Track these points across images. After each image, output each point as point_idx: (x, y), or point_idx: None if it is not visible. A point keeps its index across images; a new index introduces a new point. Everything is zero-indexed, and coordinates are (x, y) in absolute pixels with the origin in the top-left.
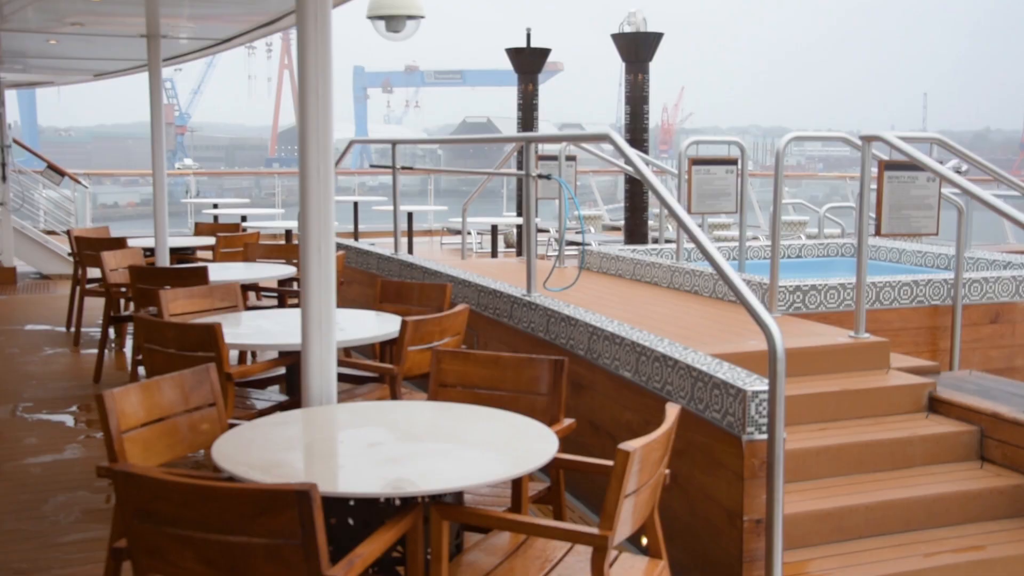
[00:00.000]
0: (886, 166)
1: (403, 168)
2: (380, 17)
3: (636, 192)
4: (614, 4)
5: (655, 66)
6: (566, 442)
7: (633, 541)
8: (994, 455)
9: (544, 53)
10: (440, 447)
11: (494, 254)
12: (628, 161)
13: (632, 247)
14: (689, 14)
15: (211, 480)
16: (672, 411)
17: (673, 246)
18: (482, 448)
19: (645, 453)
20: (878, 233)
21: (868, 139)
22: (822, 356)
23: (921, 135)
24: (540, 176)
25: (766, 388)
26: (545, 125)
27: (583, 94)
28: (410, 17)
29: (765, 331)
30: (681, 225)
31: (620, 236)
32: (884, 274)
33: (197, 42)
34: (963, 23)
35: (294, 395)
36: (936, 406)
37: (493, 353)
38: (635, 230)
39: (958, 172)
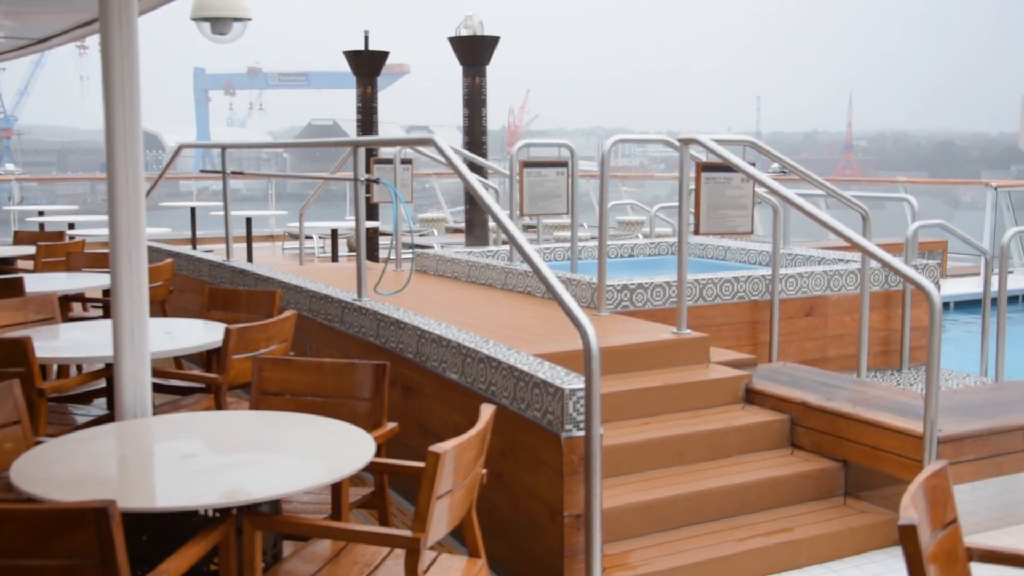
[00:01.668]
0: (703, 168)
1: (233, 173)
2: (205, 19)
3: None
4: (464, 7)
5: (502, 68)
6: (395, 445)
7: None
8: (803, 441)
9: (383, 56)
10: (256, 456)
11: (335, 258)
12: (450, 164)
13: (469, 249)
14: (538, 15)
15: (3, 503)
16: (486, 411)
17: (508, 248)
18: (299, 456)
19: (458, 454)
20: (697, 232)
21: (685, 142)
22: (646, 352)
23: (734, 138)
24: (369, 180)
25: (583, 386)
26: (392, 127)
27: (431, 96)
28: (236, 19)
29: (580, 330)
30: (501, 227)
31: (463, 238)
32: (711, 271)
33: (12, 41)
34: (795, 28)
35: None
36: (752, 397)
37: (315, 360)
38: (476, 232)
39: (783, 173)
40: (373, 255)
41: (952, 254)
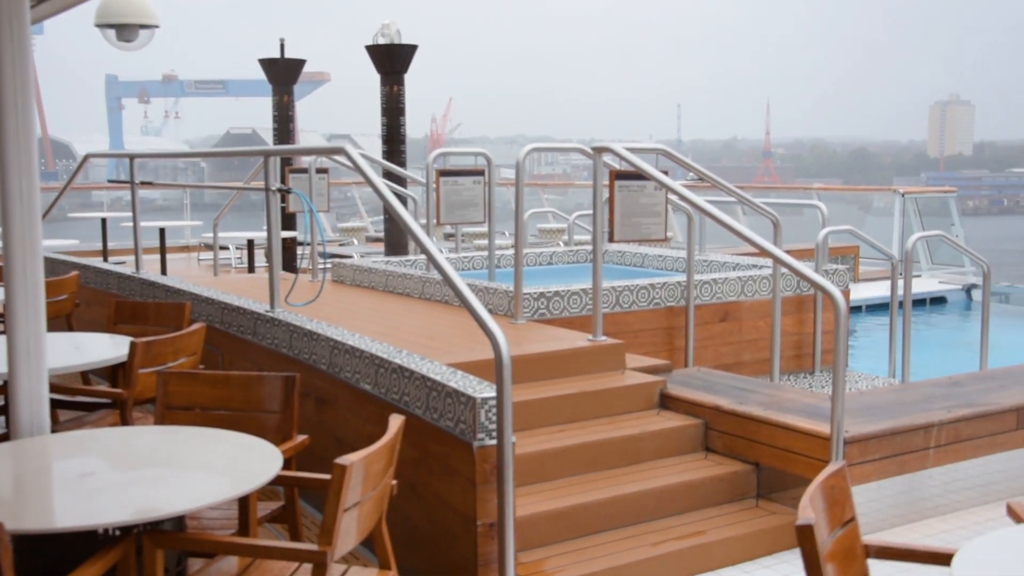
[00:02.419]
0: (616, 176)
1: (142, 183)
2: (109, 25)
3: None
4: (385, 15)
5: (425, 76)
6: (310, 458)
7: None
8: (716, 445)
9: (299, 63)
10: (158, 473)
11: (251, 269)
12: (361, 173)
13: (387, 259)
14: (463, 25)
15: None
16: (395, 422)
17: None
18: (203, 471)
19: (366, 465)
20: (611, 240)
21: (599, 150)
22: (562, 360)
23: (646, 146)
24: (280, 190)
25: (495, 394)
26: (313, 136)
27: (353, 104)
28: (143, 26)
29: (491, 339)
30: (412, 236)
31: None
32: (629, 278)
33: None
34: (714, 37)
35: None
36: (666, 402)
37: (222, 372)
38: (396, 241)
39: (701, 180)
40: (292, 266)
41: (864, 259)
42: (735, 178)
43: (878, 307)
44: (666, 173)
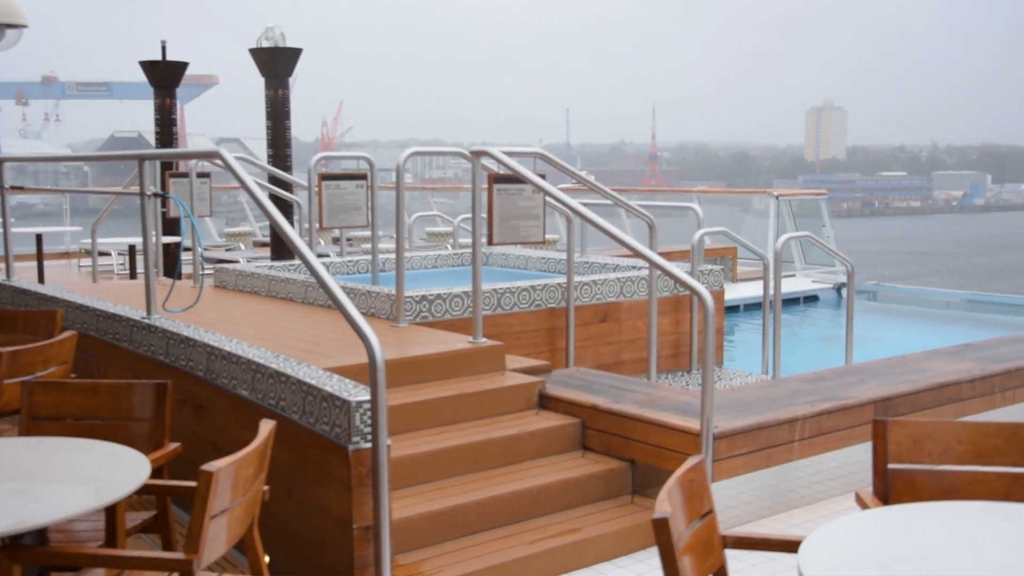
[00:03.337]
0: (495, 179)
1: (12, 188)
2: None
3: (281, 208)
4: (273, 18)
5: (317, 80)
6: (187, 465)
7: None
8: (593, 443)
9: (181, 66)
10: (18, 485)
11: (133, 275)
12: (236, 178)
13: (270, 263)
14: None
15: None
16: (266, 427)
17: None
18: (65, 482)
19: (235, 471)
20: (490, 243)
21: (477, 154)
22: (442, 362)
23: (524, 150)
24: (156, 194)
25: (369, 398)
26: (200, 139)
27: (243, 107)
28: (9, 25)
29: (365, 342)
30: (286, 239)
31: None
32: (512, 280)
33: None
34: (602, 42)
35: None
36: (545, 402)
37: (91, 381)
38: (282, 246)
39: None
40: (175, 271)
41: (743, 259)
42: (623, 181)
43: (755, 306)
44: (544, 177)
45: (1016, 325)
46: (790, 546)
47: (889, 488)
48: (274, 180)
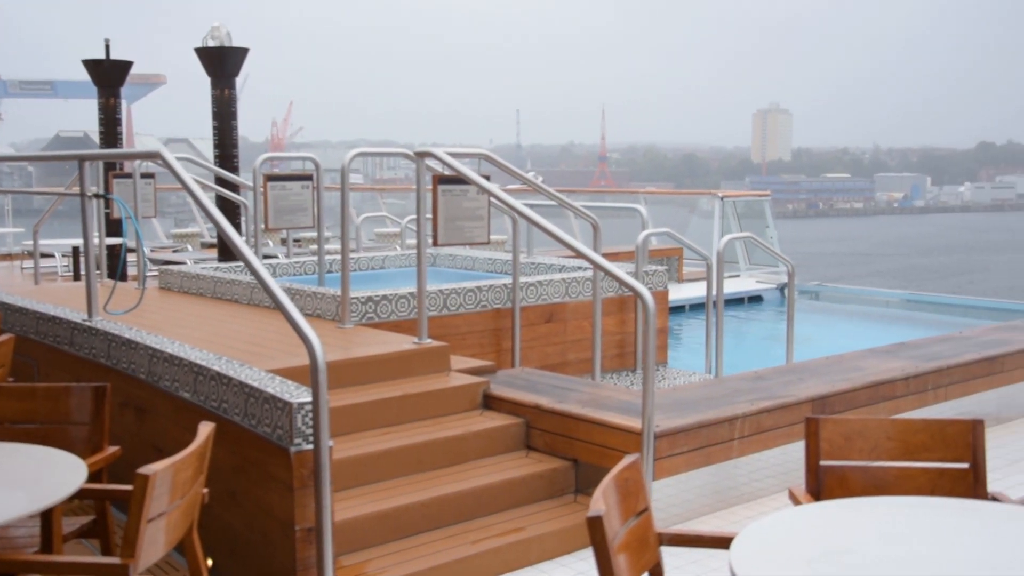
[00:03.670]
0: (439, 180)
1: None
2: None
3: (228, 209)
4: (222, 17)
5: (267, 81)
6: (128, 469)
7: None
8: (537, 443)
9: (126, 65)
10: None
11: (77, 277)
12: (178, 178)
13: (216, 265)
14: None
15: None
16: (204, 429)
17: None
18: None
19: (173, 473)
20: (435, 244)
21: (421, 155)
22: (387, 363)
23: (468, 151)
24: (96, 195)
25: (311, 399)
26: (148, 139)
27: (192, 107)
28: None
29: (306, 343)
30: (228, 240)
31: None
32: (459, 281)
33: None
34: (551, 43)
35: None
36: (490, 403)
37: (27, 385)
38: (229, 247)
39: (536, 183)
40: (120, 273)
41: (689, 260)
42: (573, 182)
43: (700, 306)
44: (488, 178)
45: (950, 324)
46: (722, 542)
47: (821, 484)
48: (220, 181)
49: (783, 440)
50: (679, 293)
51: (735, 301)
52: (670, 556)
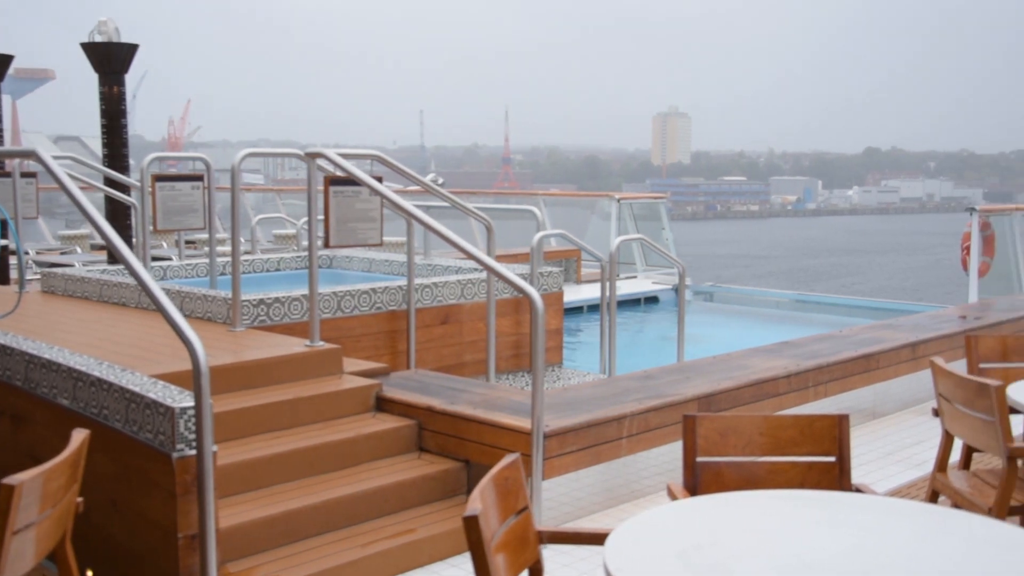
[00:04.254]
0: (331, 181)
1: None
2: None
3: (118, 209)
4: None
5: (164, 77)
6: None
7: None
8: (429, 444)
9: (5, 59)
10: None
11: None
12: (54, 178)
13: (103, 267)
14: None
15: None
16: (78, 436)
17: (151, 265)
18: None
19: (43, 482)
20: (327, 245)
21: (312, 156)
22: (279, 366)
23: (361, 152)
24: None
25: (193, 403)
26: (37, 137)
27: (83, 104)
28: None
29: (188, 347)
30: (107, 241)
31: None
32: (355, 283)
33: None
34: (455, 44)
35: None
36: (383, 405)
37: None
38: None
39: (435, 183)
40: (4, 276)
41: (587, 261)
42: (477, 183)
43: (598, 307)
44: (380, 180)
45: (835, 323)
46: (599, 539)
47: (698, 480)
48: (109, 181)
49: (671, 438)
50: (577, 294)
51: (632, 302)
52: (560, 554)
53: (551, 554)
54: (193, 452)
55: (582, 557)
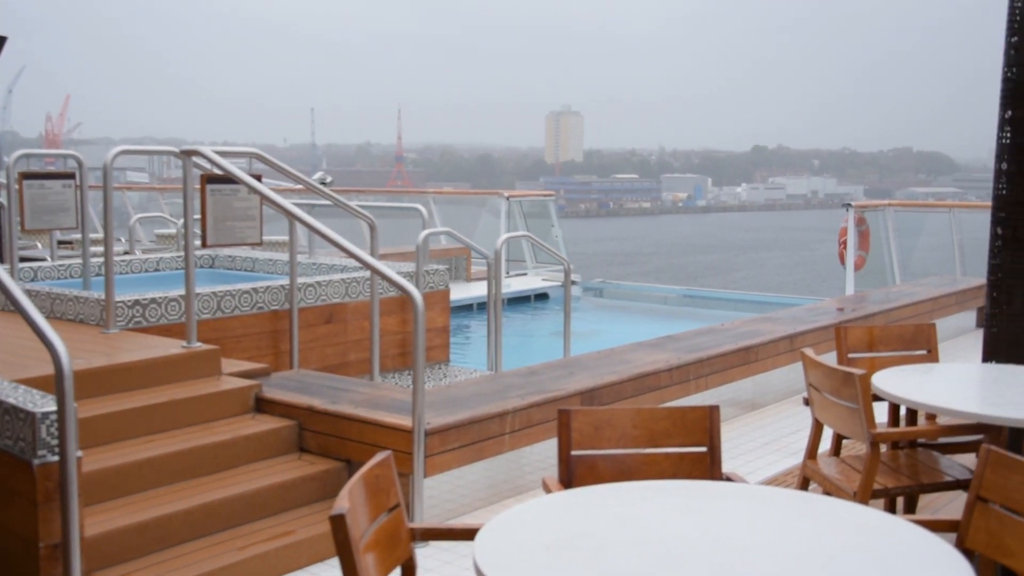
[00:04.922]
0: (208, 179)
1: None
2: None
3: None
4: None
5: (43, 72)
6: None
7: None
8: (310, 445)
9: None
10: None
11: None
12: None
13: None
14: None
15: None
16: None
17: (21, 266)
18: None
19: None
20: (204, 245)
21: (188, 153)
22: (154, 368)
23: (240, 150)
24: None
25: (56, 408)
26: None
27: None
28: None
29: (50, 350)
30: None
31: None
32: (235, 283)
33: None
34: (346, 41)
35: None
36: (262, 406)
37: None
38: None
39: (323, 183)
40: None
41: (477, 259)
42: (369, 182)
43: (486, 304)
44: (259, 178)
45: (721, 318)
46: (470, 534)
47: (572, 473)
48: None
49: (554, 433)
50: (466, 292)
51: (523, 299)
52: (442, 551)
53: (433, 552)
54: (56, 458)
55: (463, 554)
